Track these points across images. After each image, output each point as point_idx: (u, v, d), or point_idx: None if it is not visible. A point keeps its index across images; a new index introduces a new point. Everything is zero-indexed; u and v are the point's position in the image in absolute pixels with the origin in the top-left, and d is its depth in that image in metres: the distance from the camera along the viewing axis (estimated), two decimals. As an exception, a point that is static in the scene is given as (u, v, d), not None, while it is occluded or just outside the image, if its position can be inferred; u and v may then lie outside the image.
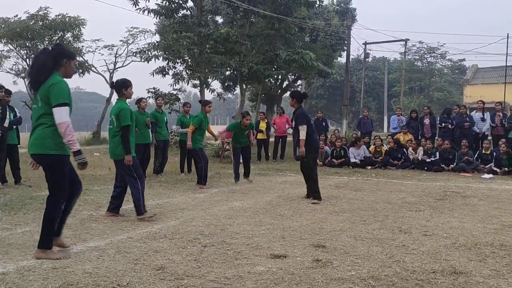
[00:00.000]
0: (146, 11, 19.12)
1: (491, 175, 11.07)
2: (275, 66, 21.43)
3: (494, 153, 11.83)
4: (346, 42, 28.34)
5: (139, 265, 3.90)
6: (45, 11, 22.44)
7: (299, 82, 31.68)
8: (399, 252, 4.28)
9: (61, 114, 3.87)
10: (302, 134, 7.27)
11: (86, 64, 24.44)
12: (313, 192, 7.44)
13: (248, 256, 4.14)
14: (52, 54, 3.96)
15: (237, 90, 28.37)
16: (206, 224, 5.47)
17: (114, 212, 6.02)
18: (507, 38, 29.44)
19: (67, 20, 22.87)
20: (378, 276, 3.60)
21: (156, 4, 19.42)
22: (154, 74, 19.44)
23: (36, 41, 22.43)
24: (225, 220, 5.72)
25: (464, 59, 53.03)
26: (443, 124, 13.53)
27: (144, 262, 3.97)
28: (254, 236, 4.91)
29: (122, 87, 5.85)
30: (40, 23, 22.18)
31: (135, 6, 19.14)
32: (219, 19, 25.44)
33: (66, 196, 4.11)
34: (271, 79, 25.43)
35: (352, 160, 13.35)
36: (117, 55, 25.51)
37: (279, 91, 28.15)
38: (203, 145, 9.49)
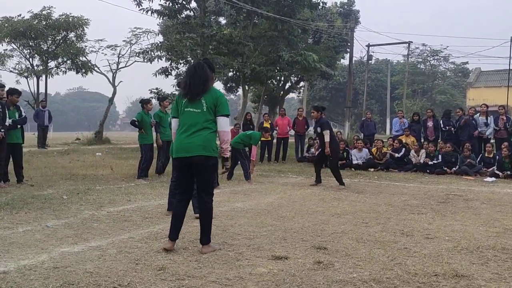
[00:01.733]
0: (150, 12, 19.14)
1: (493, 179, 11.04)
2: (278, 68, 21.42)
3: (497, 157, 11.80)
4: (349, 44, 28.29)
5: (140, 265, 3.90)
6: (48, 11, 22.48)
7: (301, 83, 31.64)
8: (401, 255, 4.27)
9: (226, 124, 4.37)
10: (327, 138, 9.32)
11: (89, 64, 24.49)
12: (341, 182, 9.46)
13: (249, 257, 4.14)
14: (209, 67, 4.44)
15: (240, 91, 28.33)
16: (208, 225, 5.45)
17: None
18: (511, 41, 29.31)
19: (70, 20, 22.92)
20: (379, 278, 3.59)
21: (159, 4, 19.47)
22: (157, 74, 19.48)
23: (39, 41, 22.49)
24: (226, 221, 5.71)
25: (467, 62, 52.96)
26: (447, 127, 13.51)
27: (146, 262, 3.98)
28: (256, 237, 4.90)
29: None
30: (44, 23, 22.22)
31: (139, 7, 19.18)
32: (222, 20, 25.45)
33: None
34: (274, 81, 25.41)
35: (355, 162, 13.34)
36: (120, 55, 25.60)
37: (282, 92, 28.12)
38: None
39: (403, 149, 13.14)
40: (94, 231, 5.15)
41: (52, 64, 23.47)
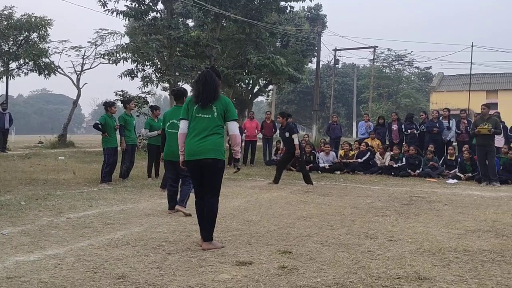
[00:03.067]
0: (115, 13, 18.79)
1: (455, 180, 11.31)
2: (246, 71, 21.41)
3: (459, 159, 12.11)
4: (316, 48, 28.59)
5: (98, 273, 3.75)
6: (10, 11, 21.77)
7: (270, 87, 31.73)
8: (365, 258, 4.27)
9: (236, 128, 4.68)
10: (296, 141, 10.11)
11: (53, 65, 23.81)
12: (309, 181, 10.17)
13: (213, 264, 4.05)
14: (216, 75, 4.69)
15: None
16: (171, 231, 5.34)
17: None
18: (472, 47, 30.34)
19: (33, 20, 22.26)
20: (343, 282, 3.57)
21: (125, 5, 19.12)
22: (123, 76, 19.12)
23: (0, 41, 21.73)
24: (191, 227, 5.60)
25: (430, 67, 54.38)
26: (408, 130, 13.77)
27: (104, 270, 3.83)
28: (220, 242, 4.81)
29: (184, 95, 6.71)
30: (5, 23, 21.50)
31: (104, 7, 18.80)
32: (190, 22, 25.27)
33: None
34: (242, 84, 25.39)
35: (321, 165, 13.43)
36: (84, 57, 24.97)
37: (250, 95, 28.11)
38: None
39: (368, 153, 13.31)
40: (51, 238, 4.94)
41: (13, 65, 22.72)
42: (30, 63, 22.58)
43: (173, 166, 6.45)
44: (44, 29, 22.79)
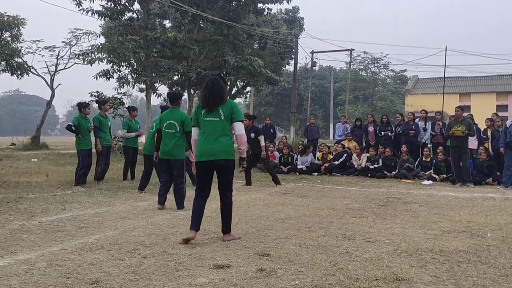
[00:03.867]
0: (90, 12, 18.46)
1: (430, 182, 11.47)
2: (224, 72, 21.30)
3: (434, 160, 12.28)
4: (294, 50, 28.73)
5: (71, 279, 3.64)
6: (-19, 9, 21.19)
7: (248, 88, 31.69)
8: (343, 260, 4.26)
9: (242, 128, 5.03)
10: (263, 142, 10.20)
11: (25, 66, 23.28)
12: (277, 182, 10.42)
13: (190, 267, 3.98)
14: (223, 81, 5.08)
15: (185, 95, 27.99)
16: (147, 234, 5.24)
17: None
18: (445, 50, 30.94)
19: (5, 19, 21.73)
20: (321, 285, 3.55)
21: (100, 5, 18.81)
22: (98, 77, 18.79)
23: (-29, 40, 21.14)
24: (167, 230, 5.51)
25: (405, 70, 55.26)
26: (382, 132, 13.92)
27: (78, 275, 3.72)
28: (197, 245, 4.75)
29: (179, 97, 7.10)
30: (-24, 22, 20.92)
31: (79, 7, 18.45)
32: (167, 23, 25.03)
33: None
34: (220, 85, 25.28)
35: (299, 166, 13.45)
36: (58, 57, 24.50)
37: (228, 97, 28.04)
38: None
39: (345, 154, 13.38)
40: (23, 243, 4.79)
41: (-16, 65, 22.12)
42: (2, 63, 22.04)
43: (168, 164, 7.01)
44: (17, 28, 22.28)
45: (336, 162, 13.32)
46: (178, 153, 6.96)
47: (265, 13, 22.34)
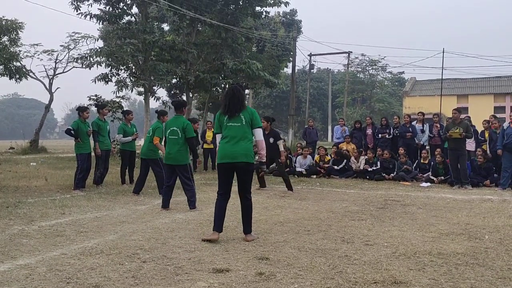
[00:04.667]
0: (88, 16, 18.50)
1: (428, 184, 11.49)
2: (222, 75, 21.36)
3: (432, 163, 12.30)
4: (292, 53, 28.76)
5: (71, 284, 3.65)
6: (-21, 13, 21.18)
7: (246, 91, 31.75)
8: (342, 263, 4.28)
9: (261, 134, 5.38)
10: (281, 147, 10.06)
11: (24, 70, 23.27)
12: (290, 187, 10.02)
13: (189, 271, 3.99)
14: (243, 89, 5.51)
15: (184, 98, 28.04)
16: (147, 238, 5.25)
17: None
18: (443, 52, 31.03)
19: (3, 23, 21.73)
20: (320, 288, 3.56)
21: (98, 9, 18.85)
22: (96, 81, 18.82)
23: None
24: (166, 234, 5.52)
25: (403, 72, 55.62)
26: (379, 135, 13.94)
27: (78, 280, 3.73)
28: (197, 249, 4.76)
29: (183, 106, 7.53)
30: (-26, 26, 20.92)
31: (77, 11, 18.49)
32: (165, 27, 25.10)
33: None
34: (218, 88, 25.32)
35: (298, 169, 13.47)
36: (57, 61, 24.53)
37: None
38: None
39: (344, 160, 13.32)
40: (22, 248, 4.80)
41: (-17, 69, 22.11)
42: (1, 67, 22.02)
43: (172, 169, 7.39)
44: (15, 32, 22.28)
45: (336, 167, 13.32)
46: (181, 158, 7.34)
47: (263, 16, 22.41)
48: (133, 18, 19.32)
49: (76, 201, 8.01)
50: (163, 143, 8.16)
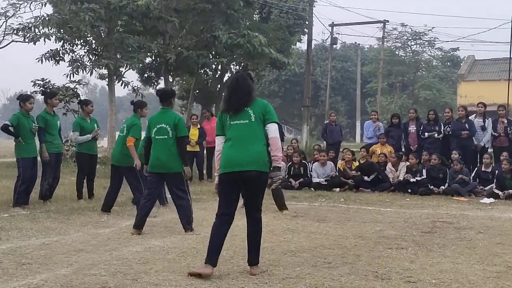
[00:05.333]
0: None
1: (491, 199, 11.47)
2: (213, 53, 21.38)
3: (496, 171, 12.27)
4: (307, 22, 28.80)
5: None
6: None
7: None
8: (375, 307, 4.30)
9: (277, 130, 5.34)
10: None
11: None
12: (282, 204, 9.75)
13: (169, 318, 4.01)
14: (251, 79, 5.55)
15: (161, 83, 28.06)
16: (112, 273, 5.28)
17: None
18: (511, 22, 30.84)
19: None
20: None
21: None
22: (44, 60, 18.86)
23: None
24: (138, 267, 5.55)
25: (457, 48, 55.32)
26: (426, 134, 13.88)
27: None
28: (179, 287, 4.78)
29: (171, 96, 7.87)
30: None
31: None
32: (137, -13, 25.17)
33: None
34: (208, 70, 25.34)
35: (315, 180, 13.48)
36: (-9, 33, 24.57)
37: (219, 85, 28.09)
38: None
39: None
40: None
41: None
42: None
43: (159, 179, 7.53)
44: None
45: (367, 178, 13.33)
46: (174, 164, 7.41)
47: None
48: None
49: (17, 222, 8.02)
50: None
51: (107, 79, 20.60)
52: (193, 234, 7.28)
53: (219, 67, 26.19)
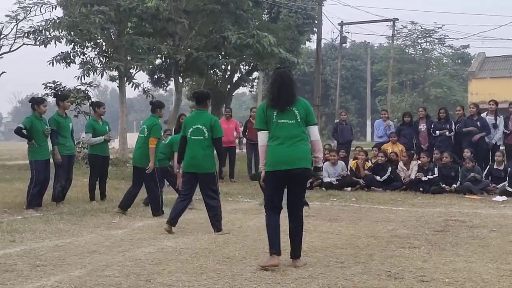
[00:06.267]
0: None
1: (504, 197, 11.42)
2: (223, 53, 21.38)
3: (509, 169, 12.21)
4: (316, 22, 28.75)
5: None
6: None
7: (255, 74, 31.81)
8: (388, 306, 4.29)
9: (317, 133, 5.73)
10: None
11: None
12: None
13: (183, 318, 4.03)
14: (292, 76, 5.86)
15: (172, 84, 28.15)
16: (125, 274, 5.31)
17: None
18: (522, 19, 30.67)
19: None
20: None
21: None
22: (55, 62, 18.96)
23: None
24: (151, 267, 5.57)
25: (468, 46, 55.07)
26: (437, 132, 13.81)
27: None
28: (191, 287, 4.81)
29: (207, 98, 7.95)
30: None
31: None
32: (146, -11, 25.23)
33: None
34: (217, 70, 25.36)
35: (326, 179, 13.46)
36: (1, 36, 24.74)
37: (229, 86, 28.14)
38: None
39: (389, 168, 13.20)
40: (-41, 288, 4.88)
41: None
42: None
43: (194, 178, 7.64)
44: None
45: (379, 178, 13.28)
46: (209, 164, 7.63)
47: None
48: (103, -23, 19.44)
49: (30, 224, 8.07)
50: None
51: (117, 81, 20.68)
52: (222, 233, 7.40)
53: (229, 68, 26.24)
